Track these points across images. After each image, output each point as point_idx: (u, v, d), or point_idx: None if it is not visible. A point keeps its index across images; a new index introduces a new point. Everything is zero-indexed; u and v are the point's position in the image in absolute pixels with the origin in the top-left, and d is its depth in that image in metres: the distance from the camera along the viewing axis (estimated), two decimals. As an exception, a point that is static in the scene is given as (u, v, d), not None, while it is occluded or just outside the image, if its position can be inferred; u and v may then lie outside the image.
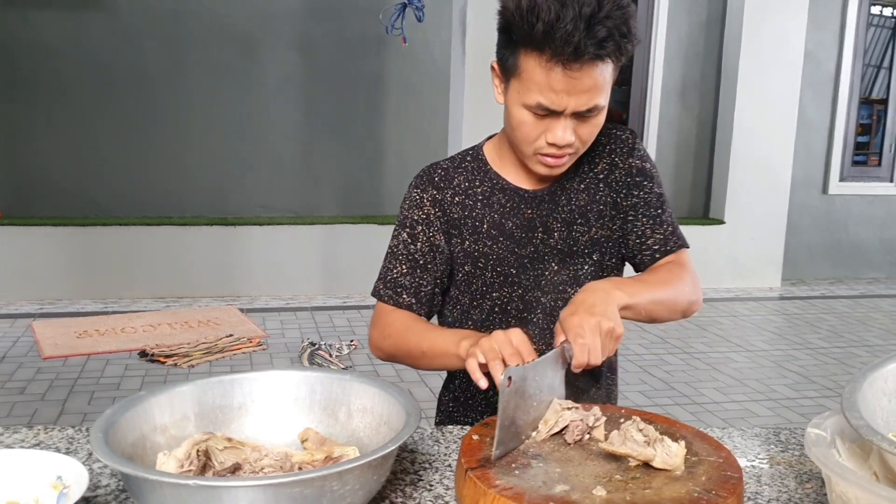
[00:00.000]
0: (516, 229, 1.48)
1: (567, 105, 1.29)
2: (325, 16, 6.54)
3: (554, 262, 1.49)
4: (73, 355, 4.61)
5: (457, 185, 1.50)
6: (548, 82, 1.27)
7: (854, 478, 0.92)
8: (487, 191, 1.49)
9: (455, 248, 1.50)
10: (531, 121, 1.33)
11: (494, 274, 1.49)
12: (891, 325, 6.17)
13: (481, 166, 1.51)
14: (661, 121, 7.27)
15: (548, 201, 1.49)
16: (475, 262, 1.49)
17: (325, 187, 6.77)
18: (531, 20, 1.24)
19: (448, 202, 1.49)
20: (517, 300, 1.50)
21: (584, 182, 1.51)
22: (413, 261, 1.49)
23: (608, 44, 1.24)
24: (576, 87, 1.27)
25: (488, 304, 1.51)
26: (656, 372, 4.73)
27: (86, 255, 5.90)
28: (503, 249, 1.48)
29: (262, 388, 1.22)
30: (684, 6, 7.14)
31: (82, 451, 1.22)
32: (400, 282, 1.49)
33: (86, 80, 6.20)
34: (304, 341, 4.93)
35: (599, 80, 1.28)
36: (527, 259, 1.48)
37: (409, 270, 1.49)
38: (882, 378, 1.12)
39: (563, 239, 1.49)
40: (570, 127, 1.32)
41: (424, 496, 1.10)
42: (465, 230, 1.49)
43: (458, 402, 1.61)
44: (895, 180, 7.93)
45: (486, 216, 1.48)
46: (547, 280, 1.49)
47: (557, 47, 1.23)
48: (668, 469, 1.05)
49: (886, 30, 7.78)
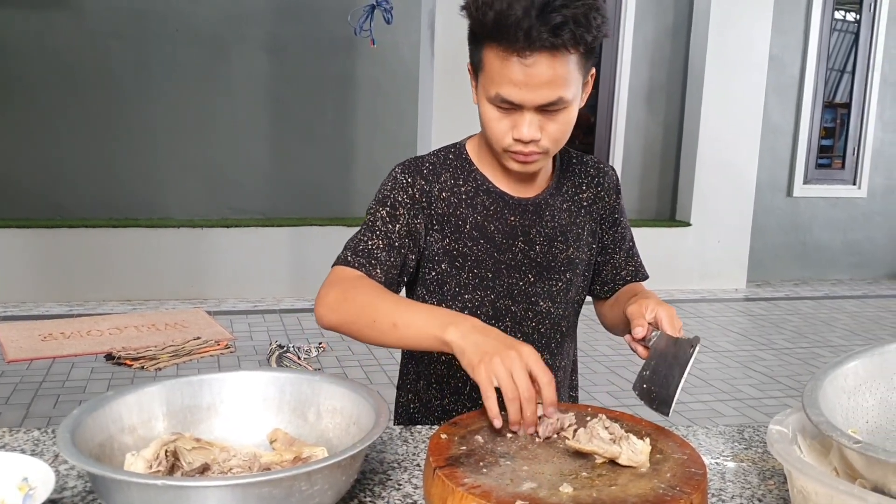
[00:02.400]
0: (498, 234, 1.46)
1: (526, 98, 1.28)
2: (293, 17, 6.51)
3: (531, 273, 1.49)
4: (38, 358, 4.55)
5: (443, 181, 1.46)
6: (505, 73, 1.27)
7: (814, 473, 0.94)
8: (472, 191, 1.47)
9: (434, 245, 1.46)
10: (497, 116, 1.33)
11: (470, 276, 1.47)
12: (854, 326, 6.27)
13: (465, 165, 1.49)
14: (628, 124, 7.33)
15: (532, 212, 1.48)
16: (453, 262, 1.46)
17: (294, 189, 6.74)
18: (484, 11, 1.25)
19: (435, 196, 1.45)
20: (488, 305, 1.48)
21: (567, 203, 1.52)
22: (389, 240, 1.40)
23: (563, 32, 1.22)
24: (534, 79, 1.26)
25: (458, 307, 1.48)
26: (623, 372, 4.77)
27: (51, 258, 5.83)
28: (483, 252, 1.46)
29: (232, 388, 1.22)
30: (651, 10, 7.21)
31: (48, 453, 1.21)
32: (375, 254, 1.39)
33: (50, 80, 6.12)
34: (271, 344, 4.91)
35: (560, 71, 1.26)
36: (504, 266, 1.47)
37: (384, 247, 1.40)
38: (842, 376, 1.15)
39: (543, 253, 1.49)
40: (535, 123, 1.31)
41: (393, 495, 1.10)
42: (447, 227, 1.45)
43: (414, 409, 1.59)
44: (858, 183, 8.07)
45: (470, 216, 1.46)
46: (520, 290, 1.49)
47: (510, 35, 1.23)
48: (634, 466, 1.06)
49: (849, 34, 7.91)
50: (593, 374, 4.70)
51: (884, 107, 7.97)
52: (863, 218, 8.12)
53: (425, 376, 1.56)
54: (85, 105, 6.21)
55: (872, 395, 1.16)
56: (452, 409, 1.55)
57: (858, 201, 8.08)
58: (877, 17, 7.81)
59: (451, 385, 1.53)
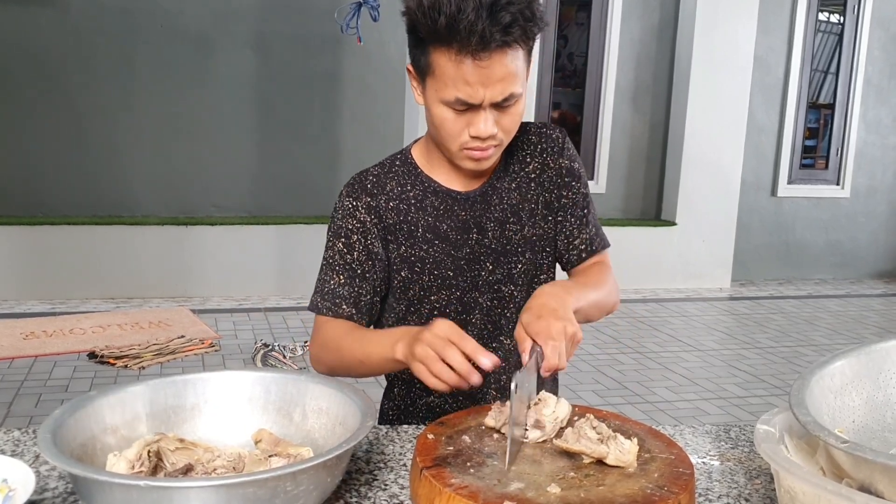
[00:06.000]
0: (451, 231, 1.48)
1: (483, 97, 1.29)
2: (279, 14, 6.49)
3: (489, 261, 1.50)
4: (20, 357, 4.51)
5: (389, 191, 1.48)
6: (460, 75, 1.27)
7: (801, 473, 0.94)
8: (420, 194, 1.48)
9: (392, 254, 1.48)
10: (452, 117, 1.33)
11: (432, 277, 1.48)
12: (836, 325, 6.31)
13: (411, 170, 1.50)
14: (615, 124, 7.35)
15: (480, 201, 1.49)
16: (412, 267, 1.48)
17: (280, 187, 6.72)
18: (433, 16, 1.25)
19: (383, 208, 1.47)
20: (455, 302, 1.50)
21: (516, 181, 1.52)
22: (350, 270, 1.46)
23: (514, 29, 1.25)
24: (489, 77, 1.27)
25: (426, 309, 1.50)
26: (609, 371, 4.78)
27: (33, 255, 5.78)
28: (439, 252, 1.48)
29: (216, 388, 1.21)
30: (637, 10, 7.23)
31: (29, 454, 1.19)
32: (338, 292, 1.45)
33: (33, 76, 6.06)
34: (257, 342, 4.89)
35: (511, 67, 1.28)
36: (463, 261, 1.49)
37: (346, 280, 1.45)
38: (829, 376, 1.15)
39: (496, 238, 1.50)
40: (490, 118, 1.32)
41: (379, 496, 1.10)
42: (400, 235, 1.47)
43: (400, 409, 1.60)
44: (841, 183, 8.12)
45: (421, 220, 1.47)
46: (483, 280, 1.50)
47: (463, 39, 1.24)
48: (622, 466, 1.06)
49: (833, 36, 7.96)
50: (578, 373, 4.70)
51: (867, 108, 8.03)
52: (846, 218, 8.17)
53: (406, 378, 1.57)
54: (68, 101, 6.16)
55: (859, 394, 1.16)
56: (437, 405, 1.56)
57: (842, 201, 8.13)
58: (860, 19, 7.86)
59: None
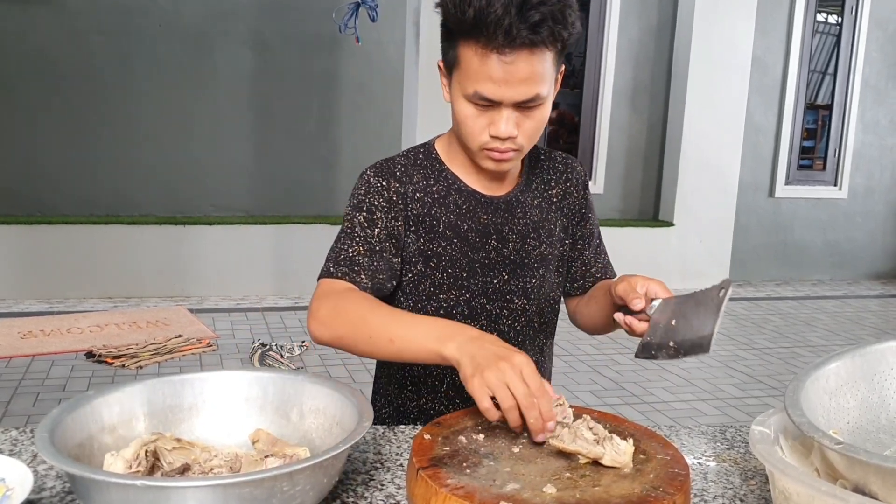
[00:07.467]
0: (471, 233, 1.47)
1: (505, 95, 1.29)
2: (278, 14, 6.49)
3: (505, 271, 1.49)
4: (17, 356, 4.51)
5: (416, 182, 1.46)
6: (484, 71, 1.27)
7: (796, 474, 0.94)
8: (444, 190, 1.47)
9: (410, 247, 1.46)
10: (474, 113, 1.33)
11: (445, 276, 1.47)
12: (834, 326, 6.32)
13: (435, 164, 1.49)
14: (612, 124, 7.35)
15: (504, 210, 1.49)
16: (427, 262, 1.46)
17: (277, 187, 6.72)
18: (463, 8, 1.25)
19: (410, 197, 1.44)
20: (463, 304, 1.48)
21: (538, 199, 1.53)
22: (370, 245, 1.39)
23: (542, 29, 1.24)
24: (513, 76, 1.27)
25: (433, 307, 1.48)
26: (606, 372, 4.78)
27: (31, 254, 5.78)
28: (457, 252, 1.46)
29: (214, 388, 1.21)
30: (635, 11, 7.23)
31: (26, 453, 1.19)
32: (357, 261, 1.38)
33: (32, 75, 6.05)
34: (254, 342, 4.89)
35: (538, 68, 1.28)
36: (478, 264, 1.48)
37: (366, 252, 1.39)
38: (824, 377, 1.15)
39: (516, 250, 1.50)
40: (512, 119, 1.32)
41: (376, 496, 1.10)
42: (421, 228, 1.45)
43: (392, 406, 1.58)
44: (839, 184, 8.13)
45: (443, 216, 1.46)
46: (494, 288, 1.49)
47: (490, 33, 1.24)
48: (617, 467, 1.06)
49: (831, 37, 7.97)
50: (576, 374, 4.71)
51: (864, 109, 8.04)
52: (843, 219, 8.18)
53: (397, 379, 1.56)
54: (66, 101, 6.15)
55: (854, 395, 1.17)
56: (429, 408, 1.54)
57: (839, 202, 8.14)
58: (858, 19, 7.87)
59: (427, 384, 1.53)
